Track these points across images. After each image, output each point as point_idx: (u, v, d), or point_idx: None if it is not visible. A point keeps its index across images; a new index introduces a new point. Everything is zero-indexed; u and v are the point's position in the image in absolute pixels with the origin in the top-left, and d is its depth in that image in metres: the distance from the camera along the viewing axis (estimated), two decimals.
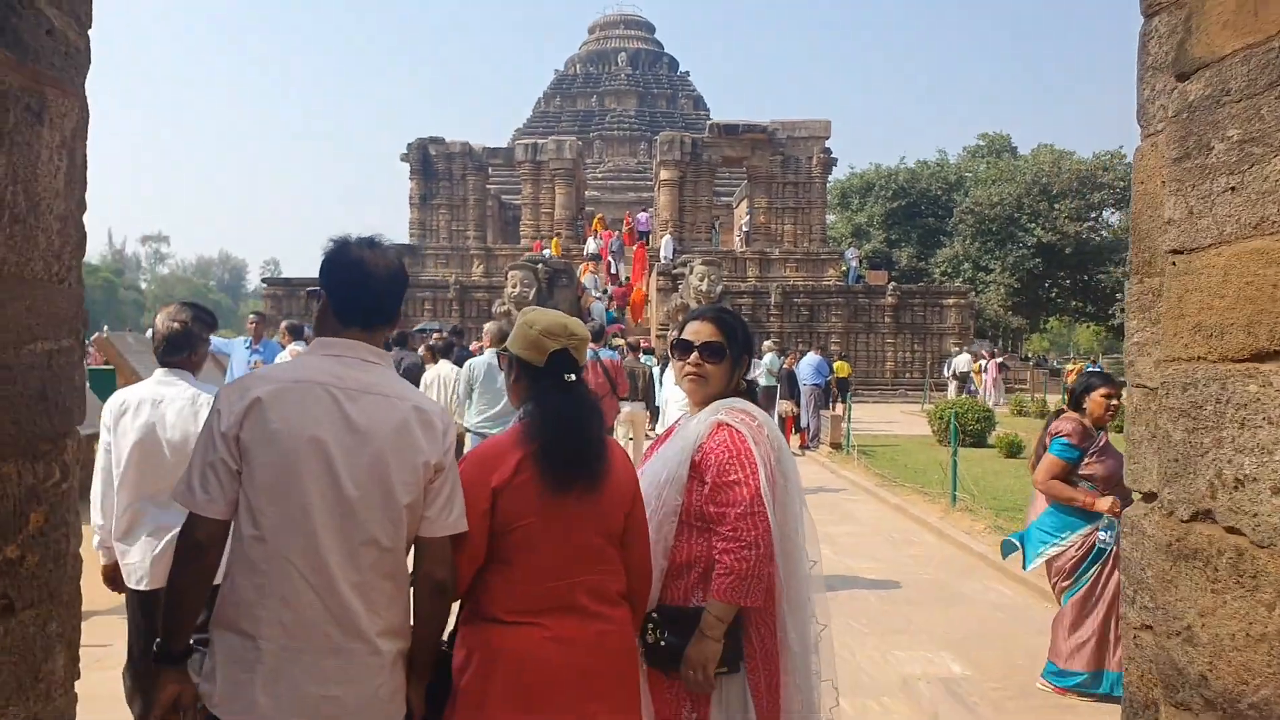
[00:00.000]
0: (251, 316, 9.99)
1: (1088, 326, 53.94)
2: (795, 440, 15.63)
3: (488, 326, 10.04)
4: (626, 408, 11.49)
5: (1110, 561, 4.75)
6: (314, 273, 2.17)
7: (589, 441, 2.44)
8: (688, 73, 58.69)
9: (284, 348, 9.43)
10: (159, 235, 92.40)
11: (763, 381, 20.34)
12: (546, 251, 30.52)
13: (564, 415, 2.43)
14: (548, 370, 2.47)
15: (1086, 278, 45.40)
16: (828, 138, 32.35)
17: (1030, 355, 43.10)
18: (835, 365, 20.28)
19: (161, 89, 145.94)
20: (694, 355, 2.67)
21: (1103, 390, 5.04)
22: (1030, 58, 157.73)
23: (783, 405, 15.11)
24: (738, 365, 2.72)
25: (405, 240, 33.08)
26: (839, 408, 16.62)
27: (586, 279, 28.96)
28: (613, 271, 30.48)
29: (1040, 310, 48.66)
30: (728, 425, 2.55)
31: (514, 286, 22.13)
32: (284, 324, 9.44)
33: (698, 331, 2.70)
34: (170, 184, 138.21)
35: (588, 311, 26.45)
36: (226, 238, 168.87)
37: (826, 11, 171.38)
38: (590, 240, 30.65)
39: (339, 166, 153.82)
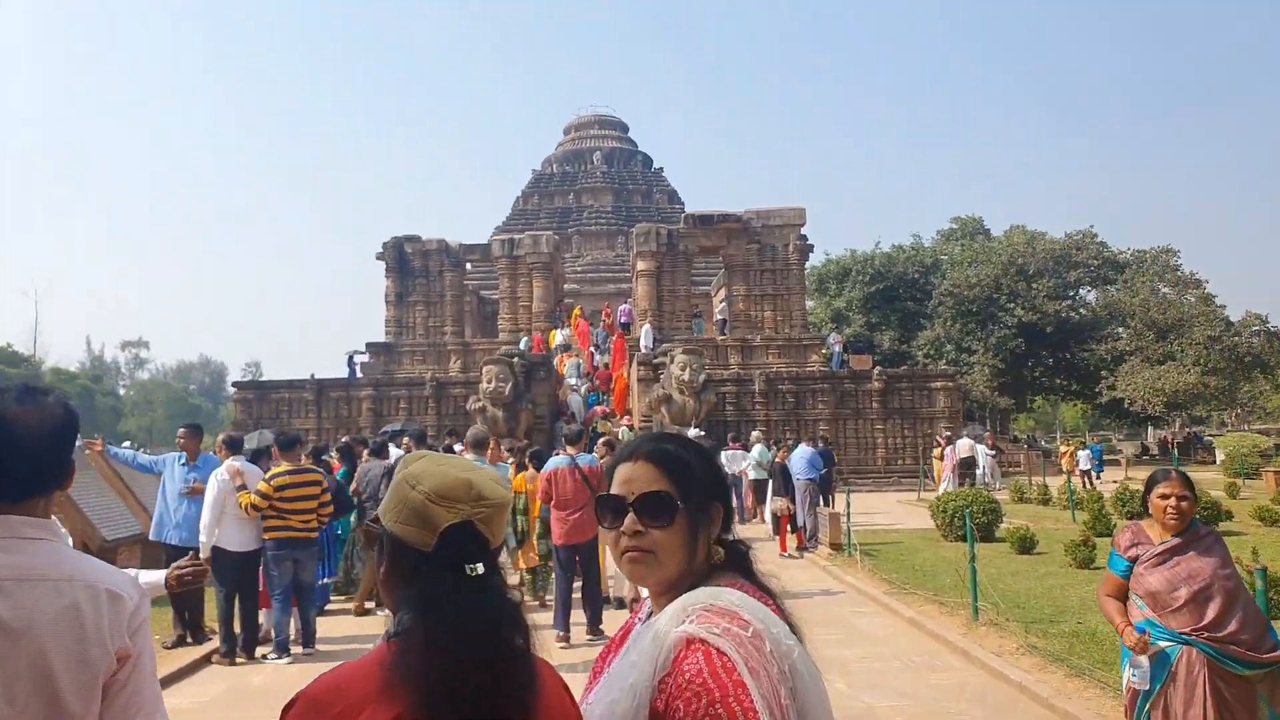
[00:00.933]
0: (181, 430, 8.80)
1: (1073, 404, 53.24)
2: (792, 541, 14.41)
3: (471, 431, 8.96)
4: None
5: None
6: (295, 373, 1.18)
7: (508, 683, 1.42)
8: (661, 169, 59.20)
9: (221, 463, 8.29)
10: (139, 341, 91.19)
11: (752, 474, 19.28)
12: (566, 332, 29.62)
13: (466, 635, 1.42)
14: (440, 557, 1.49)
15: (1069, 355, 44.87)
16: (803, 225, 31.90)
17: (1019, 436, 42.12)
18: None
19: (138, 194, 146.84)
20: (628, 519, 1.61)
21: (1161, 489, 4.05)
22: (998, 140, 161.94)
23: (777, 503, 13.95)
24: (702, 523, 1.63)
25: (381, 339, 32.11)
26: (836, 502, 15.43)
27: (566, 366, 28.01)
28: (594, 363, 29.58)
29: (1026, 390, 47.99)
30: (702, 643, 1.44)
31: (489, 382, 21.08)
32: (220, 437, 8.27)
33: (629, 479, 1.64)
34: (150, 290, 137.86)
35: (565, 404, 25.40)
36: (206, 342, 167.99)
37: (796, 102, 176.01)
38: (558, 333, 29.74)
39: (317, 266, 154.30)
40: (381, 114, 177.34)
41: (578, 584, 9.07)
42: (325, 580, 10.10)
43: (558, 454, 9.28)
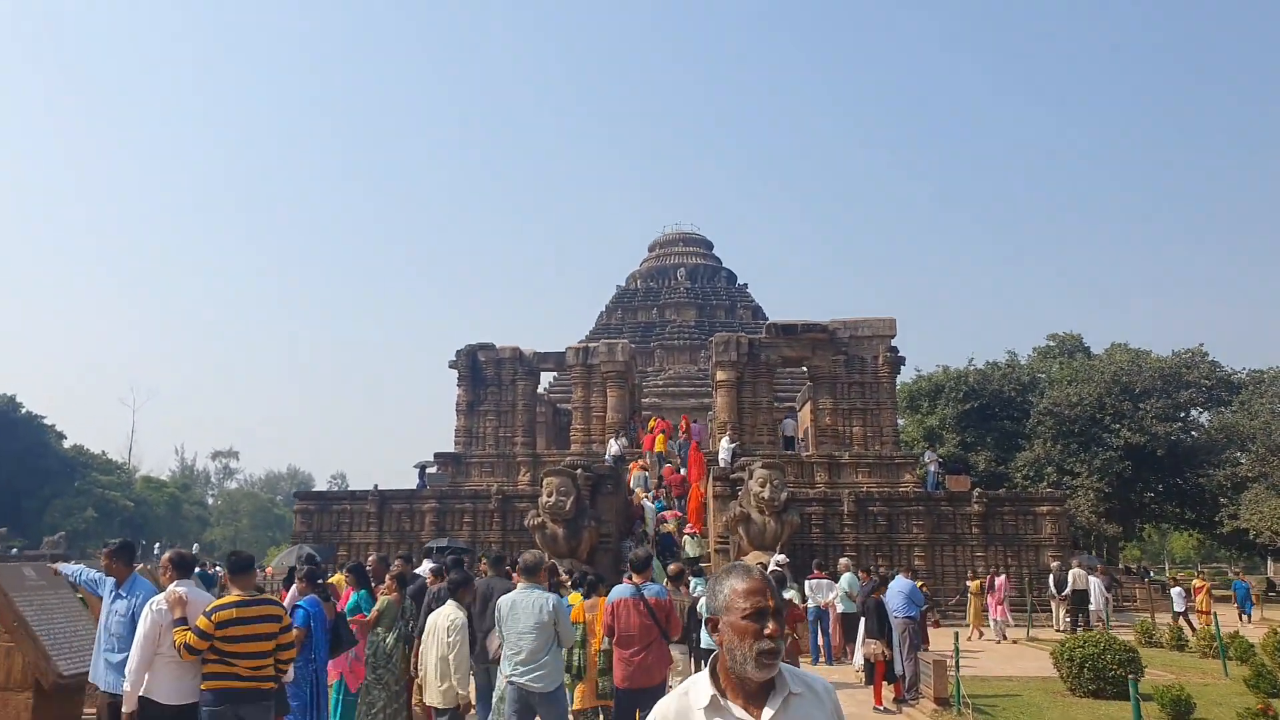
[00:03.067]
0: (104, 549, 7.06)
1: (1188, 534, 48.48)
2: (888, 692, 11.82)
3: (523, 557, 7.37)
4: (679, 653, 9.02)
5: None
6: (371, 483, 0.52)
7: None
8: (745, 285, 58.35)
9: (160, 588, 6.50)
10: (229, 451, 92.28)
11: (840, 608, 16.68)
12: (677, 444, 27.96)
13: None
14: None
15: (1182, 481, 40.79)
16: (893, 335, 29.71)
17: (1131, 567, 38.00)
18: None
19: (230, 313, 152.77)
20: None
21: None
22: (1097, 255, 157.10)
23: (871, 647, 11.46)
24: None
25: (451, 449, 30.62)
26: (933, 642, 12.80)
27: (635, 476, 25.92)
28: (671, 466, 27.54)
29: (1134, 516, 43.75)
30: None
31: (550, 495, 19.13)
32: (167, 555, 6.49)
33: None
34: (241, 401, 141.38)
35: (639, 518, 23.23)
36: (294, 453, 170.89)
37: (884, 217, 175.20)
38: (612, 445, 27.82)
39: (400, 378, 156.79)
40: (465, 225, 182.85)
41: None
42: None
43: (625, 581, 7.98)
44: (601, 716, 9.04)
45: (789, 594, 13.93)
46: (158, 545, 54.99)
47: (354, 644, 9.06)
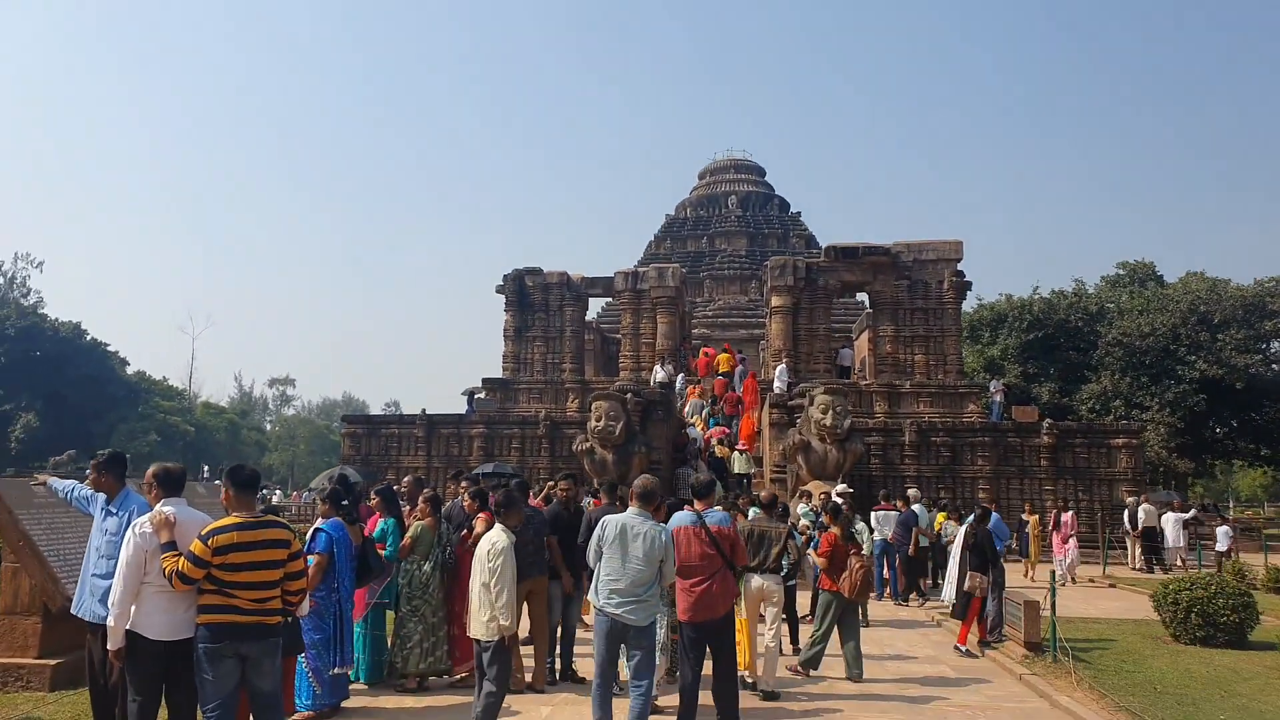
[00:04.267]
0: (92, 461, 6.13)
1: (1262, 470, 46.37)
2: (973, 634, 10.68)
3: (640, 482, 6.64)
4: (756, 581, 8.48)
5: None
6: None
7: None
8: (799, 213, 56.11)
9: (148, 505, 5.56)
10: (286, 378, 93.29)
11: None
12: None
13: None
14: None
15: (1260, 416, 38.64)
16: (959, 259, 27.94)
17: (1206, 504, 36.24)
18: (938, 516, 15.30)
19: (289, 242, 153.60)
20: None
21: None
22: (1171, 179, 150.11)
23: (975, 580, 10.22)
24: None
25: (499, 375, 29.80)
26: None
27: (692, 404, 24.92)
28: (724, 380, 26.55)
29: (1205, 452, 41.73)
30: None
31: (599, 419, 18.13)
32: (151, 470, 5.50)
33: None
34: (297, 331, 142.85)
35: (687, 446, 22.22)
36: (349, 381, 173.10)
37: (944, 139, 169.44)
38: (658, 370, 26.71)
39: (452, 305, 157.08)
40: (515, 153, 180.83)
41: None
42: (337, 670, 7.21)
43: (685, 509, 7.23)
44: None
45: (857, 526, 12.81)
46: (220, 469, 55.66)
47: (384, 572, 8.17)
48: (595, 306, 44.51)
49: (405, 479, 10.04)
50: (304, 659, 7.06)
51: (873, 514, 15.24)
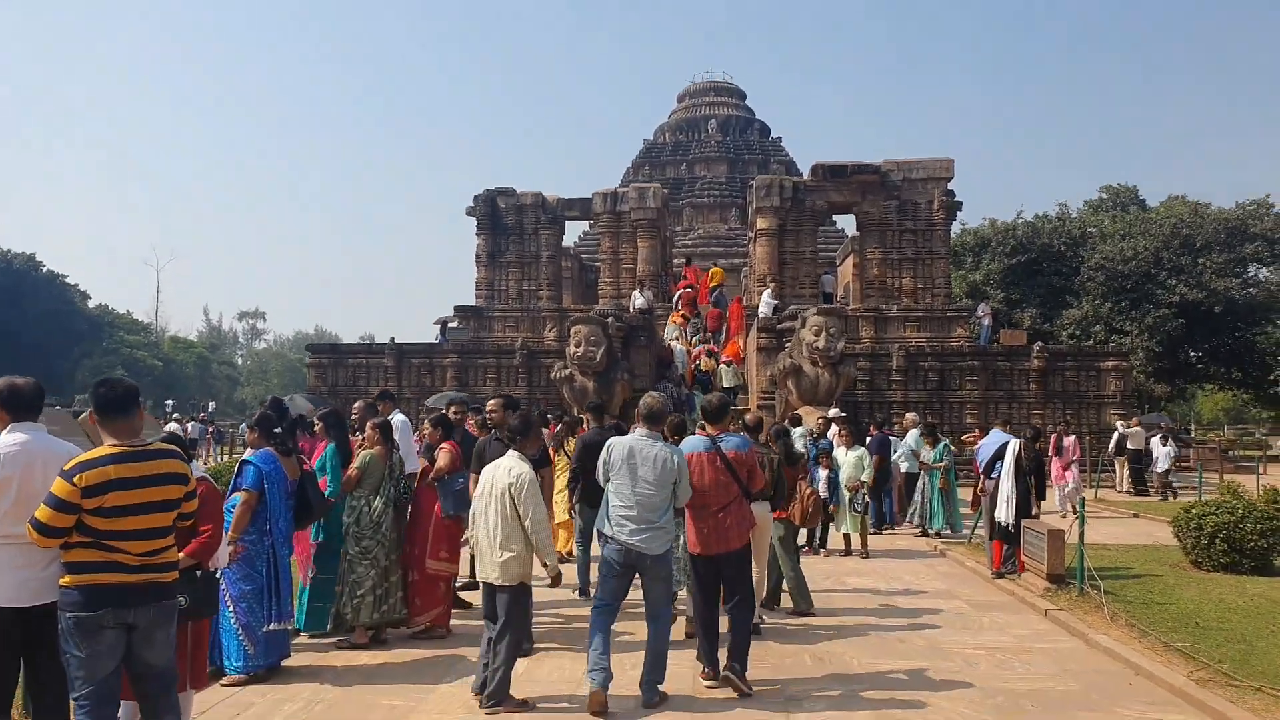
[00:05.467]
0: None
1: (1231, 394, 46.07)
2: (985, 567, 9.70)
3: (646, 401, 6.06)
4: (759, 509, 7.23)
5: None
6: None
7: None
8: (779, 138, 54.31)
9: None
10: (256, 312, 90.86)
11: (904, 466, 14.57)
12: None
13: None
14: None
15: (1234, 340, 38.00)
16: (950, 179, 26.62)
17: (1186, 428, 35.81)
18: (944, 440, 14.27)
19: (254, 173, 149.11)
20: None
21: None
22: (1153, 103, 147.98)
23: (1008, 506, 9.25)
24: None
25: (472, 302, 28.37)
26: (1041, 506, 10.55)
27: (670, 329, 23.79)
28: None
29: (1180, 376, 41.22)
30: None
31: (578, 345, 16.88)
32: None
33: None
34: (267, 263, 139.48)
35: (670, 363, 21.13)
36: (322, 314, 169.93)
37: (924, 62, 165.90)
38: (637, 296, 25.53)
39: (428, 236, 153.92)
40: (490, 72, 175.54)
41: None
42: (273, 625, 6.04)
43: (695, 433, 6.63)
44: None
45: (850, 453, 11.75)
46: (190, 403, 54.17)
47: (327, 510, 6.95)
48: (573, 235, 43.01)
49: (356, 404, 8.78)
50: (232, 614, 5.88)
51: (868, 440, 14.19)
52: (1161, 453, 21.20)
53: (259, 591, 5.95)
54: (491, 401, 7.30)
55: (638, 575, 5.79)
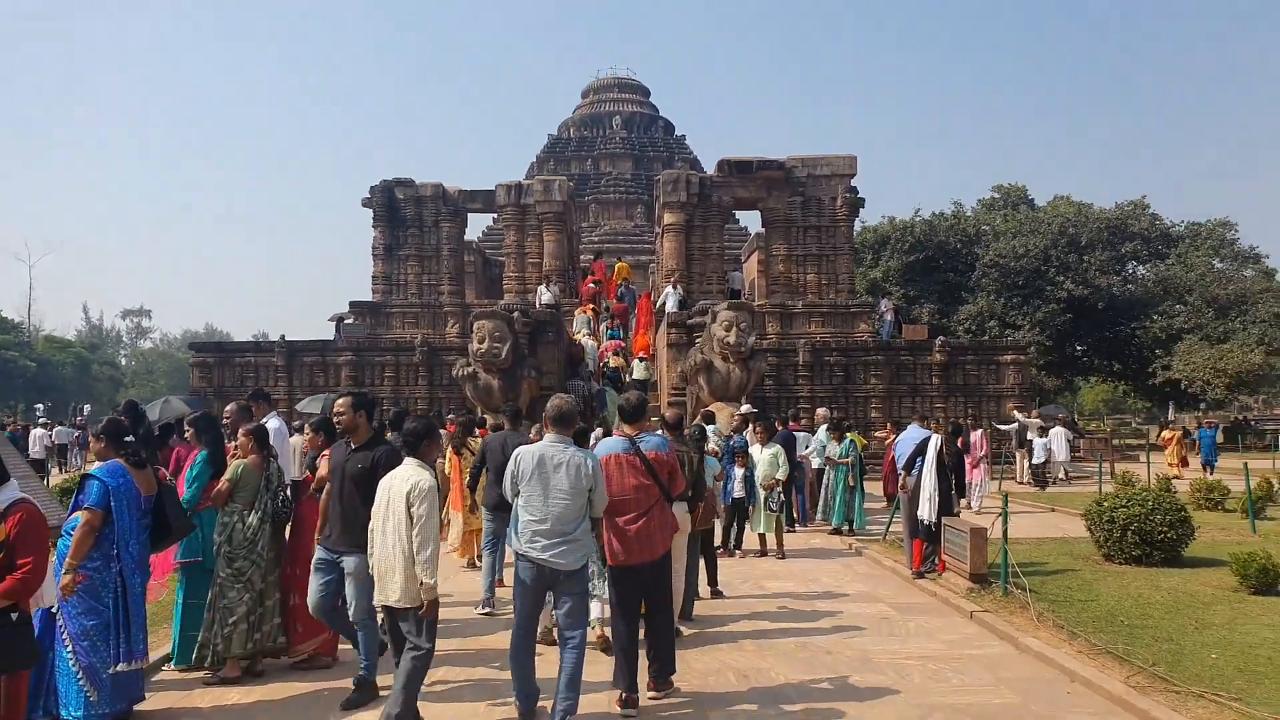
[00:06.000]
0: None
1: (1114, 385, 48.11)
2: (904, 567, 9.39)
3: (554, 403, 5.48)
4: (679, 510, 6.81)
5: None
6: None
7: None
8: (684, 135, 54.39)
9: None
10: (141, 309, 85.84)
11: (816, 463, 14.27)
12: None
13: None
14: None
15: (1116, 333, 39.59)
16: (853, 175, 26.68)
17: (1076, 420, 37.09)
18: (851, 436, 13.88)
19: (136, 163, 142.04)
20: None
21: None
22: (1040, 105, 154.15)
23: (928, 505, 8.96)
24: None
25: (368, 298, 27.10)
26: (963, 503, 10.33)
27: (579, 319, 23.22)
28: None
29: (1068, 370, 42.81)
30: None
31: (482, 341, 16.03)
32: None
33: None
34: (151, 258, 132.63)
35: (580, 360, 20.51)
36: (212, 312, 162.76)
37: (824, 62, 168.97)
38: (543, 291, 24.98)
39: (325, 230, 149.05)
40: (392, 64, 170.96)
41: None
42: (122, 666, 5.16)
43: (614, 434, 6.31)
44: None
45: (765, 450, 11.33)
46: (72, 407, 50.67)
47: (190, 531, 6.09)
48: (476, 229, 41.86)
49: (228, 406, 7.85)
50: (71, 654, 4.99)
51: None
52: (1058, 445, 21.66)
53: (104, 627, 5.06)
54: (340, 400, 6.00)
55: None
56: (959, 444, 9.66)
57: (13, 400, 57.18)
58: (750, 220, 42.98)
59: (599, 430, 11.65)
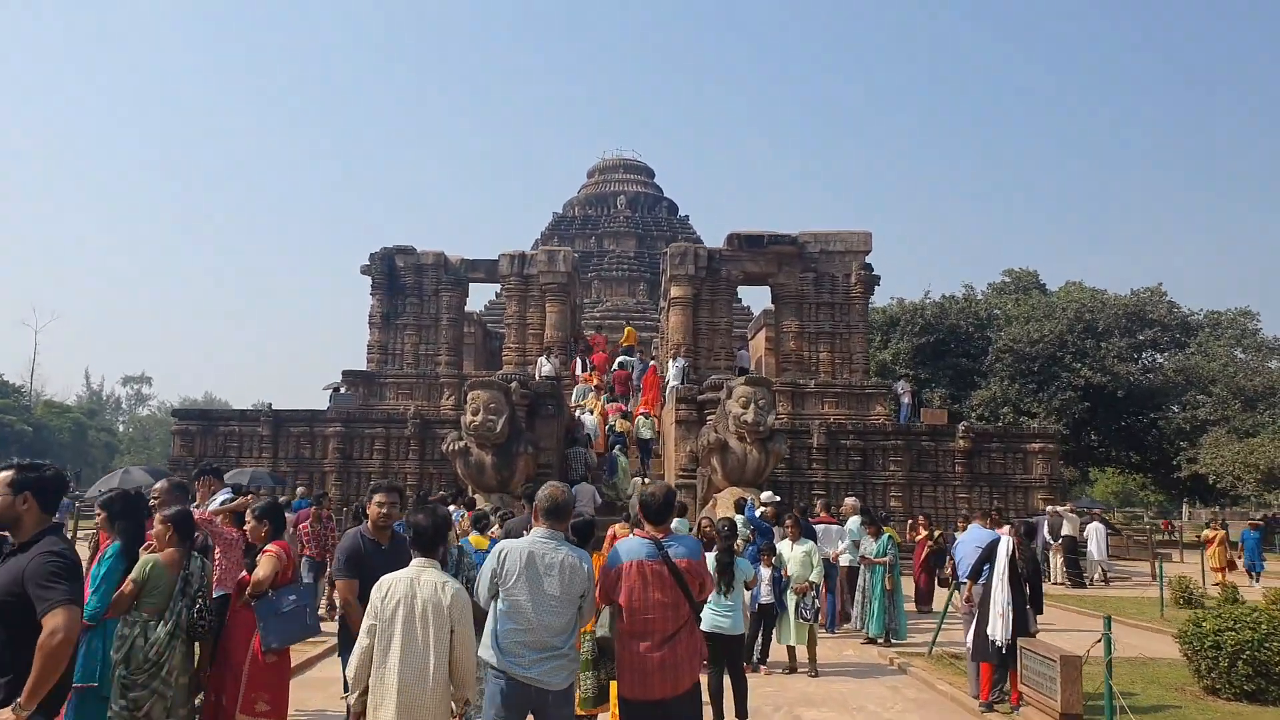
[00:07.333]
0: None
1: (1134, 477, 46.32)
2: (970, 695, 7.69)
3: (546, 492, 4.64)
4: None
5: None
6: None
7: None
8: (687, 216, 54.19)
9: None
10: (141, 376, 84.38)
11: (846, 560, 12.62)
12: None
13: None
14: None
15: (1136, 423, 37.97)
16: (868, 251, 25.55)
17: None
18: (888, 531, 12.27)
19: (143, 231, 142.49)
20: None
21: None
22: (1053, 191, 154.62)
23: (1000, 623, 7.34)
24: None
25: (363, 367, 25.69)
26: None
27: (579, 389, 21.93)
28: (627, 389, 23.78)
29: (1083, 460, 41.10)
30: None
31: (476, 413, 14.50)
32: None
33: None
34: (153, 326, 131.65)
35: (578, 429, 19.11)
36: (213, 379, 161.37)
37: (833, 147, 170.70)
38: (543, 363, 23.87)
39: (327, 302, 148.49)
40: (398, 148, 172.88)
41: None
42: None
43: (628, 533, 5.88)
44: None
45: (797, 547, 9.73)
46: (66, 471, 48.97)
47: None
48: (478, 303, 40.83)
49: (157, 484, 6.37)
50: None
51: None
52: (1096, 542, 20.01)
53: None
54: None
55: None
56: (1033, 547, 8.02)
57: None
58: (754, 299, 42.00)
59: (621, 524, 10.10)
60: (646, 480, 19.68)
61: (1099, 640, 6.84)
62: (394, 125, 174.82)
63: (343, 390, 24.76)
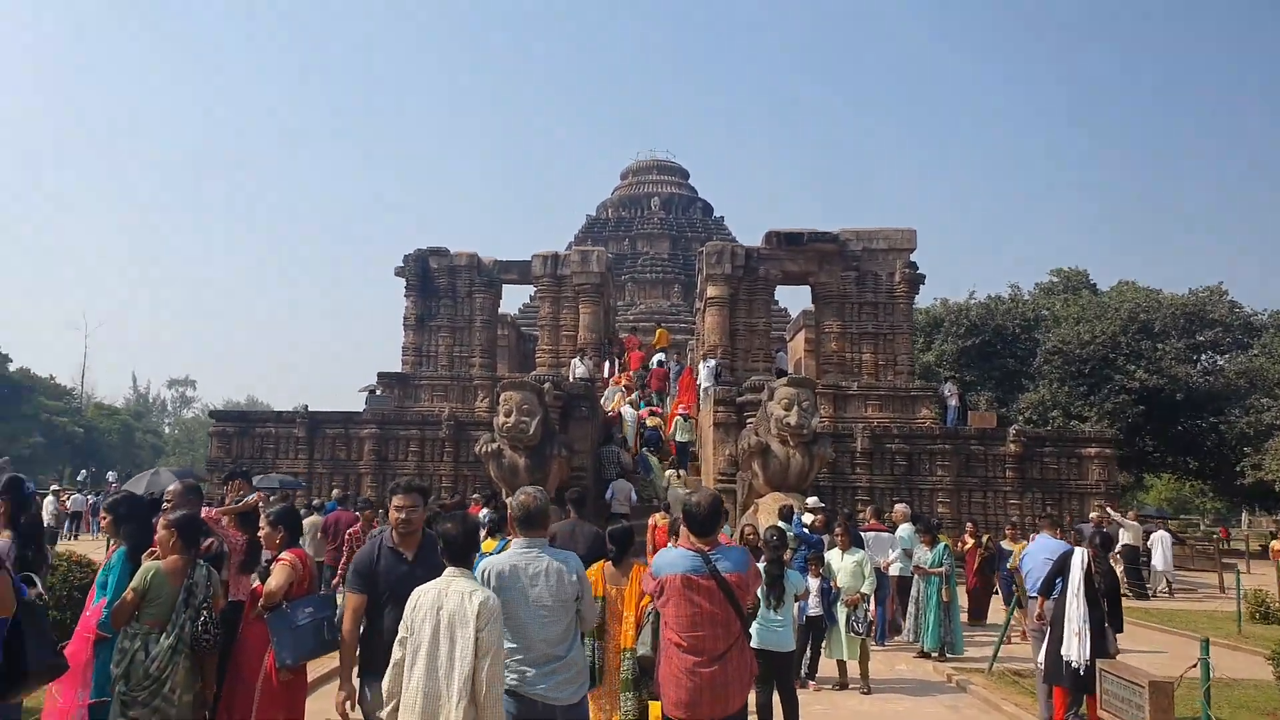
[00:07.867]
0: None
1: (1191, 484, 44.84)
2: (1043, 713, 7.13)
3: (520, 499, 4.44)
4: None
5: None
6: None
7: None
8: (722, 217, 53.55)
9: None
10: (186, 379, 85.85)
11: (896, 570, 12.04)
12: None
13: None
14: None
15: (1188, 428, 36.63)
16: (912, 249, 24.85)
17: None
18: (944, 540, 11.62)
19: (185, 237, 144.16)
20: None
21: None
22: (1103, 189, 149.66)
23: (1075, 646, 6.75)
24: None
25: (398, 369, 25.53)
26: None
27: (608, 391, 21.62)
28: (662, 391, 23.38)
29: (1138, 465, 39.77)
30: None
31: (508, 414, 14.13)
32: None
33: None
34: (199, 330, 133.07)
35: (616, 425, 18.78)
36: (256, 382, 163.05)
37: (872, 144, 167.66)
38: (577, 365, 23.65)
39: (367, 306, 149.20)
40: (434, 152, 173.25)
41: None
42: None
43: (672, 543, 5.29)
44: None
45: (847, 557, 9.21)
46: (111, 473, 49.82)
47: (60, 672, 4.18)
48: (513, 304, 40.67)
49: (171, 486, 6.05)
50: None
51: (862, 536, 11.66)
52: (1160, 552, 19.16)
53: None
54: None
55: None
56: (1111, 560, 7.43)
57: (59, 465, 57.47)
58: (791, 300, 41.33)
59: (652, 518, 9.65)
60: (681, 475, 19.24)
61: (1194, 665, 6.23)
62: (429, 126, 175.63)
63: (378, 392, 24.64)
